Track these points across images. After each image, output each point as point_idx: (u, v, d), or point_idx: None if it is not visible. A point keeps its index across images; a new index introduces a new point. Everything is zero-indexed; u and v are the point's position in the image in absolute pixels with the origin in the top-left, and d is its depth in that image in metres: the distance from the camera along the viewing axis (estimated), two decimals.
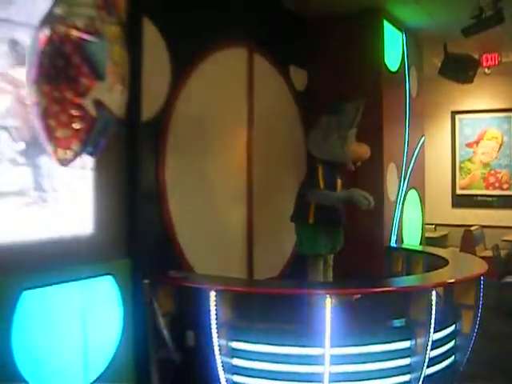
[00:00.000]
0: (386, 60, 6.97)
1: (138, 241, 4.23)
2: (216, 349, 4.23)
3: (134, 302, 4.17)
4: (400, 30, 7.40)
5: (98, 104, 2.64)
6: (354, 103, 5.28)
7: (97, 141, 2.77)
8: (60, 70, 2.58)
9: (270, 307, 4.82)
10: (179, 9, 4.82)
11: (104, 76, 2.63)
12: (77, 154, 2.75)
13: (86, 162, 3.68)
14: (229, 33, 5.58)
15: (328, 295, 4.12)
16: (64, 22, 2.62)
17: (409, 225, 7.59)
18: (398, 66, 7.37)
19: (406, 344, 4.37)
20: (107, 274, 3.96)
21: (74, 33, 2.59)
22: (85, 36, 2.60)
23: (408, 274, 6.45)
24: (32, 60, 2.65)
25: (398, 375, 4.34)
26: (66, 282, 3.59)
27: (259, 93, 6.09)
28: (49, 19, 2.67)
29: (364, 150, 5.37)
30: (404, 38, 7.53)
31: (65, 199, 3.65)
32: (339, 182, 5.35)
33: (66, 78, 2.58)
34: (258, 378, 4.31)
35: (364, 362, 4.25)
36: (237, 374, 4.35)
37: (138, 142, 4.23)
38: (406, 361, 4.36)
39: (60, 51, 2.58)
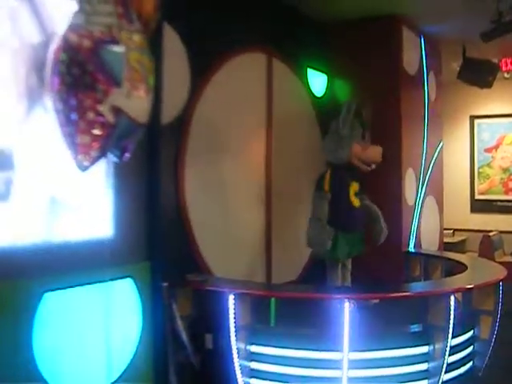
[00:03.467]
0: (404, 64, 6.96)
1: (158, 244, 4.26)
2: (234, 352, 4.25)
3: (153, 304, 4.19)
4: (419, 34, 7.39)
5: (116, 110, 2.67)
6: (346, 103, 5.33)
7: (121, 146, 2.80)
8: (76, 77, 2.61)
9: (289, 311, 4.83)
10: (199, 14, 4.85)
11: (121, 83, 2.65)
12: (96, 160, 2.78)
13: (107, 165, 3.71)
14: (248, 38, 5.61)
15: (347, 300, 4.13)
16: (78, 31, 2.65)
17: (427, 230, 7.56)
18: (417, 70, 7.36)
19: (424, 349, 4.37)
20: (127, 277, 3.99)
21: (89, 41, 2.62)
22: (100, 44, 2.63)
23: (426, 279, 6.44)
24: (51, 68, 2.69)
25: (416, 380, 4.35)
26: (86, 284, 3.62)
27: (278, 97, 6.11)
28: (65, 28, 2.72)
29: (372, 152, 5.33)
30: (423, 42, 7.52)
31: (85, 202, 3.68)
32: (354, 185, 5.31)
33: (83, 85, 2.61)
34: (276, 381, 4.32)
35: (382, 367, 4.25)
36: (255, 377, 4.37)
37: (158, 146, 4.26)
38: (424, 366, 4.36)
39: (75, 59, 2.61)
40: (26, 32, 3.12)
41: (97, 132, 2.66)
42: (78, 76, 2.61)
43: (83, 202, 3.63)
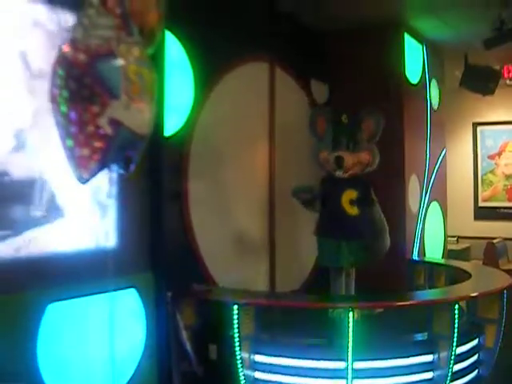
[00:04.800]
0: (406, 72, 6.98)
1: (161, 254, 4.26)
2: (238, 362, 4.25)
3: (157, 314, 4.19)
4: (421, 42, 7.40)
5: (115, 122, 2.66)
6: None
7: (125, 157, 2.81)
8: (74, 91, 2.61)
9: (293, 320, 4.82)
10: (202, 24, 4.86)
11: (119, 95, 2.65)
12: (95, 172, 2.78)
13: (110, 176, 3.71)
14: (251, 48, 5.62)
15: (350, 309, 4.12)
16: (75, 45, 2.66)
17: (431, 237, 7.55)
18: (419, 78, 7.37)
19: (428, 358, 4.35)
20: (131, 287, 3.99)
21: (85, 55, 2.62)
22: (96, 57, 2.63)
23: (430, 288, 6.42)
24: (50, 82, 2.70)
25: None
26: (90, 294, 3.63)
27: (280, 106, 6.13)
28: (62, 42, 2.72)
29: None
30: (425, 50, 7.53)
31: (89, 212, 3.69)
32: (348, 193, 5.29)
33: (80, 98, 2.61)
34: None
35: (387, 376, 4.24)
36: None
37: (162, 157, 4.27)
38: (429, 375, 4.34)
39: (72, 73, 2.61)
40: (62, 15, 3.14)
41: (96, 145, 2.66)
42: (75, 90, 2.61)
43: (86, 213, 3.63)
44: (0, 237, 3.14)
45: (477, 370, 4.79)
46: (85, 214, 3.65)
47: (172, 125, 4.60)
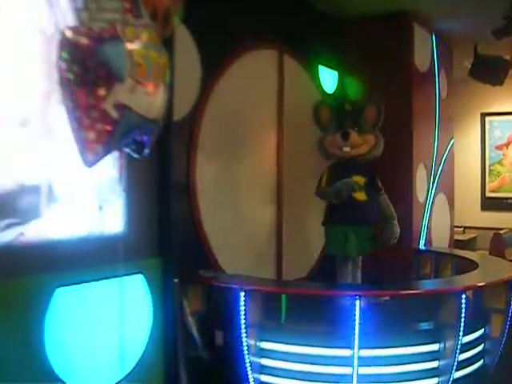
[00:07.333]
0: (415, 61, 6.94)
1: (169, 240, 4.26)
2: (244, 348, 4.26)
3: (164, 300, 4.20)
4: (430, 31, 7.36)
5: (120, 106, 2.65)
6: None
7: (137, 141, 2.81)
8: (78, 75, 2.60)
9: (299, 307, 4.83)
10: (210, 10, 4.84)
11: (123, 78, 2.64)
12: (102, 156, 2.78)
13: (118, 161, 3.71)
14: (259, 34, 5.60)
15: (357, 297, 4.12)
16: (77, 28, 2.65)
17: (438, 227, 7.54)
18: (428, 67, 7.33)
19: (434, 347, 4.36)
20: (138, 273, 4.00)
21: (87, 38, 2.61)
22: (99, 40, 2.62)
23: (436, 277, 6.42)
24: (54, 66, 2.69)
25: (427, 378, 4.34)
26: (97, 280, 3.63)
27: (289, 94, 6.11)
28: (65, 25, 2.72)
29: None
30: (434, 39, 7.49)
31: (96, 197, 3.69)
32: (355, 179, 5.29)
33: (85, 82, 2.60)
34: (286, 378, 4.33)
35: (392, 365, 4.25)
36: (265, 373, 4.37)
37: (170, 142, 4.26)
38: (435, 364, 4.35)
39: (75, 57, 2.60)
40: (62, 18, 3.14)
41: (102, 128, 2.65)
42: (80, 73, 2.61)
43: (94, 198, 3.63)
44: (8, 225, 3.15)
45: (482, 360, 4.80)
46: (93, 199, 3.65)
47: (180, 110, 4.59)
